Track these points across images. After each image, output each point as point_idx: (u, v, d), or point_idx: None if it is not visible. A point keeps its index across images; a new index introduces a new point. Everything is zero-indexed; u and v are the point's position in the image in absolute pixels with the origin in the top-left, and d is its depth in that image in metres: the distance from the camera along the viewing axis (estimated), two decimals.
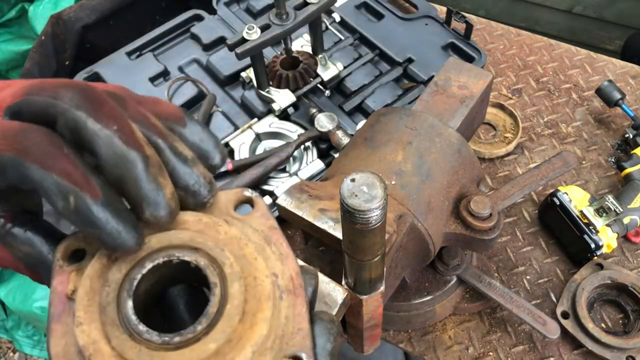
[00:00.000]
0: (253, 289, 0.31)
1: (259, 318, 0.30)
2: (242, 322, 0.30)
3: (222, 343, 0.29)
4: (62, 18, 1.19)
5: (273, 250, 0.33)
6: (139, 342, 0.30)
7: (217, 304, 0.30)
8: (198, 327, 0.30)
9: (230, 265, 0.32)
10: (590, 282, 0.89)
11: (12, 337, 1.66)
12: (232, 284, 0.31)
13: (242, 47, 0.90)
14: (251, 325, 0.30)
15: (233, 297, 0.31)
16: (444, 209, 0.70)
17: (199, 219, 0.33)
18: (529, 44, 1.25)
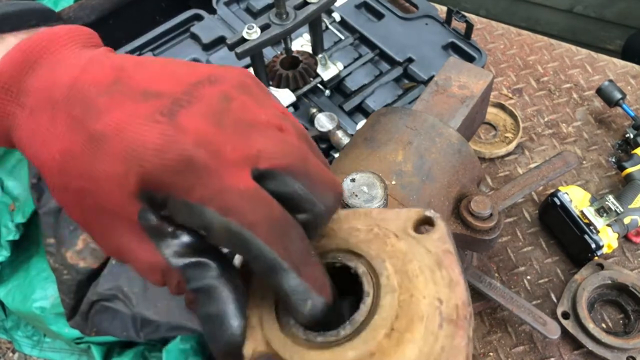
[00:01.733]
0: (407, 306, 0.30)
1: (407, 338, 0.29)
2: (388, 337, 0.29)
3: (363, 354, 0.29)
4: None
5: (443, 275, 0.31)
6: (286, 334, 0.31)
7: (365, 314, 0.30)
8: (342, 332, 0.30)
9: (387, 277, 0.31)
10: (591, 283, 0.89)
11: (11, 337, 1.66)
12: (385, 296, 0.30)
13: (242, 47, 0.90)
14: (397, 344, 0.29)
15: (382, 309, 0.30)
16: (444, 209, 0.70)
17: (370, 229, 0.34)
18: (529, 44, 1.25)
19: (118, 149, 0.31)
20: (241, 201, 0.31)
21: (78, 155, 0.32)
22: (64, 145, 0.33)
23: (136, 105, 0.32)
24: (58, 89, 0.34)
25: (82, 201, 0.33)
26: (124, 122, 0.32)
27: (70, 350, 1.56)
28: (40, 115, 0.34)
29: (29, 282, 1.43)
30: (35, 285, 1.42)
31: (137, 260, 0.33)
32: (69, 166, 0.33)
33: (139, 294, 1.03)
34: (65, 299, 1.09)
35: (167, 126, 0.32)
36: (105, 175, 0.32)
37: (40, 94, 0.34)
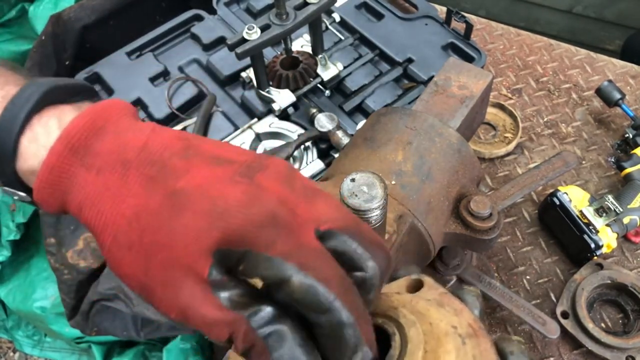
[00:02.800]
0: (430, 331, 0.33)
1: (442, 351, 0.32)
2: (425, 358, 0.32)
3: None
4: (62, 18, 1.19)
5: (447, 310, 0.35)
6: None
7: (398, 347, 0.33)
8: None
9: (404, 316, 0.35)
10: (590, 282, 0.89)
11: (12, 337, 1.66)
12: (410, 329, 0.34)
13: (242, 47, 0.90)
14: (435, 358, 0.32)
15: (411, 339, 0.33)
16: (444, 209, 0.70)
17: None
18: (528, 44, 1.25)
19: (202, 206, 0.33)
20: (316, 258, 0.33)
21: (156, 210, 0.34)
22: (139, 201, 0.34)
23: (213, 168, 0.35)
24: (129, 150, 0.35)
25: (152, 257, 0.34)
26: (205, 182, 0.34)
27: (70, 350, 1.56)
28: (109, 175, 0.35)
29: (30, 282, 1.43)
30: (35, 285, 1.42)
31: (202, 316, 0.33)
32: (143, 221, 0.34)
33: None
34: (66, 299, 1.09)
35: (248, 186, 0.34)
36: (186, 229, 0.33)
37: (109, 156, 0.35)
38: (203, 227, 0.33)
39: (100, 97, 0.42)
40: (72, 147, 0.35)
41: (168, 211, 0.34)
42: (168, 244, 0.33)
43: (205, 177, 0.34)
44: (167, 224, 0.33)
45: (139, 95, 1.06)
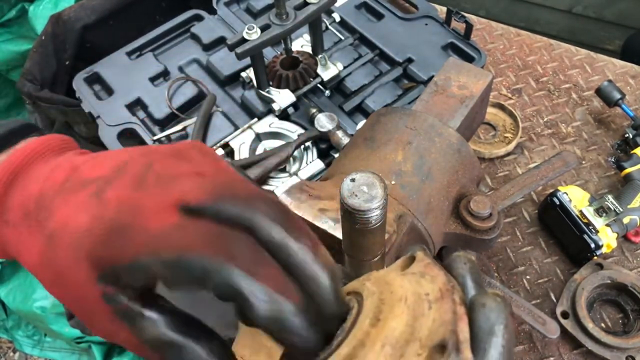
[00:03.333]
0: (388, 300, 0.32)
1: (390, 317, 0.30)
2: (374, 326, 0.31)
3: (354, 345, 0.30)
4: (62, 18, 1.19)
5: (426, 279, 0.33)
6: None
7: (352, 320, 0.32)
8: (334, 341, 0.31)
9: (367, 289, 0.34)
10: (590, 282, 0.89)
11: (12, 337, 1.66)
12: (366, 300, 0.33)
13: (242, 47, 0.90)
14: (383, 326, 0.30)
15: (365, 308, 0.32)
16: (443, 209, 0.70)
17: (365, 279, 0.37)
18: (528, 44, 1.25)
19: (65, 242, 0.35)
20: (168, 237, 0.32)
21: (46, 257, 0.36)
22: (38, 249, 0.37)
23: (76, 195, 0.36)
24: (30, 201, 0.38)
25: (64, 295, 0.36)
26: (67, 216, 0.36)
27: (70, 350, 1.56)
28: (19, 228, 0.38)
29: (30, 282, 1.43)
30: (35, 285, 1.42)
31: (122, 341, 0.35)
32: (44, 269, 0.37)
33: None
34: None
35: (95, 207, 0.35)
36: (65, 267, 0.35)
37: (17, 210, 0.39)
38: (73, 262, 0.34)
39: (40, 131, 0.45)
40: None
41: (51, 253, 0.36)
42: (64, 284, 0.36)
43: (67, 210, 0.36)
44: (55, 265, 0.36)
45: (139, 95, 1.06)
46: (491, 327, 0.29)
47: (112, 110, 1.04)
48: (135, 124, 1.02)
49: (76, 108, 1.09)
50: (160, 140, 1.01)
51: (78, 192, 0.36)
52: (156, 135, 1.01)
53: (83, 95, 1.07)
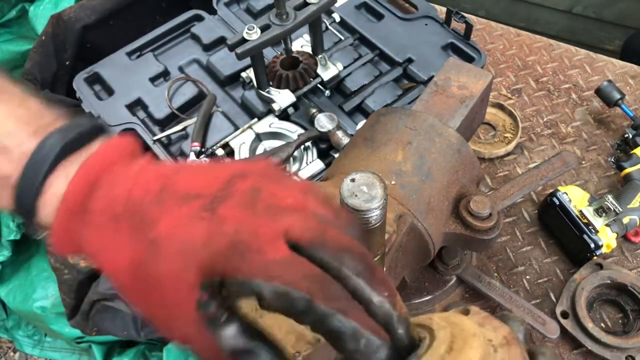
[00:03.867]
0: (459, 334, 0.34)
1: (466, 347, 0.33)
2: (449, 353, 0.33)
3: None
4: (62, 18, 1.19)
5: (487, 328, 0.36)
6: None
7: (426, 346, 0.34)
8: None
9: (436, 323, 0.36)
10: (590, 282, 0.89)
11: (12, 337, 1.66)
12: (439, 332, 0.35)
13: (242, 47, 0.90)
14: (459, 354, 0.33)
15: (439, 337, 0.35)
16: (443, 209, 0.70)
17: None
18: (528, 44, 1.25)
19: (174, 249, 0.37)
20: (281, 267, 0.36)
21: (143, 260, 0.38)
22: (130, 254, 0.39)
23: (181, 208, 0.39)
24: (117, 204, 0.40)
25: (150, 298, 0.39)
26: (173, 226, 0.38)
27: (71, 350, 1.56)
28: (105, 231, 0.40)
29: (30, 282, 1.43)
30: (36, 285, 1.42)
31: (197, 347, 0.38)
32: (137, 271, 0.39)
33: None
34: (66, 299, 1.09)
35: (209, 221, 0.38)
36: (168, 272, 0.37)
37: (102, 213, 0.41)
38: (180, 268, 0.37)
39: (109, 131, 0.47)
40: (71, 211, 0.41)
41: (151, 259, 0.38)
42: (159, 288, 0.38)
43: (173, 221, 0.39)
44: (154, 270, 0.38)
45: (139, 95, 1.06)
46: None
47: (113, 110, 1.04)
48: (135, 124, 1.02)
49: (76, 108, 1.10)
50: (161, 140, 1.02)
51: (182, 205, 0.39)
52: (156, 135, 1.02)
53: (83, 95, 1.07)
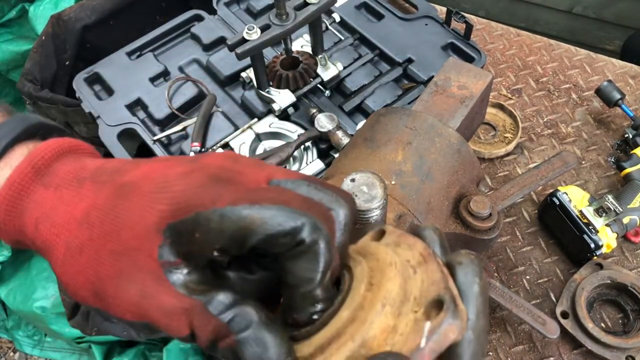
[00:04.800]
0: (377, 267, 0.34)
1: (384, 280, 0.32)
2: (369, 290, 0.32)
3: (354, 308, 0.32)
4: (62, 18, 1.19)
5: (403, 247, 0.35)
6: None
7: (346, 287, 0.34)
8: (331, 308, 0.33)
9: (353, 260, 0.35)
10: (590, 282, 0.89)
11: (12, 337, 1.66)
12: (356, 267, 0.34)
13: (242, 48, 0.90)
14: (378, 289, 0.32)
15: (356, 275, 0.34)
16: (443, 209, 0.70)
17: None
18: (528, 44, 1.25)
19: (145, 188, 0.34)
20: (268, 191, 0.33)
21: (102, 204, 0.34)
22: (87, 203, 0.35)
23: (162, 161, 0.37)
24: (86, 170, 0.37)
25: (101, 251, 0.34)
26: (151, 170, 0.35)
27: (71, 350, 1.56)
28: (65, 190, 0.36)
29: (30, 282, 1.43)
30: (36, 285, 1.42)
31: (158, 306, 0.32)
32: (92, 218, 0.34)
33: None
34: (66, 299, 1.09)
35: (191, 164, 0.35)
36: (130, 212, 0.33)
37: (67, 175, 0.37)
38: (146, 204, 0.33)
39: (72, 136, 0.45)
40: (34, 166, 0.37)
41: (114, 201, 0.34)
42: (115, 231, 0.33)
43: (152, 168, 0.36)
44: (112, 212, 0.34)
45: (139, 95, 1.06)
46: (471, 281, 0.33)
47: (112, 110, 1.04)
48: (135, 124, 1.02)
49: (76, 108, 1.10)
50: (161, 140, 1.01)
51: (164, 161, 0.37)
52: (156, 136, 1.02)
53: (83, 95, 1.07)
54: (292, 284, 0.33)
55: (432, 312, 0.30)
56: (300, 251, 0.33)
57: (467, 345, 0.31)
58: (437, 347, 0.30)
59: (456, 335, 0.30)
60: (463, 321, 0.30)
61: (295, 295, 0.34)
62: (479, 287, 0.33)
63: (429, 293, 0.31)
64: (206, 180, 0.33)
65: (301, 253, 0.33)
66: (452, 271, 0.33)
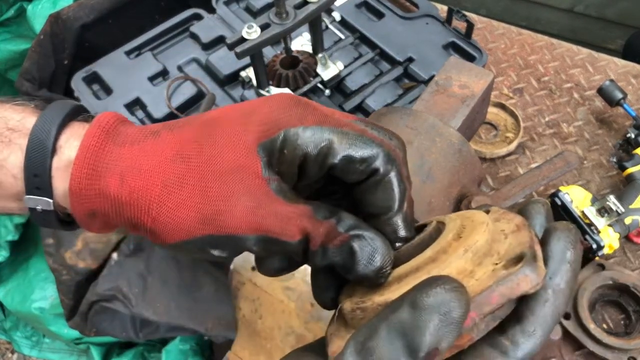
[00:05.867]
0: (469, 224, 0.35)
1: (473, 233, 0.34)
2: (456, 240, 0.34)
3: (437, 251, 0.34)
4: (60, 17, 1.18)
5: (502, 222, 0.36)
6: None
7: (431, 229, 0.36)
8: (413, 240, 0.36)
9: (449, 217, 0.37)
10: (592, 283, 0.88)
11: (10, 338, 1.65)
12: (449, 224, 0.36)
13: (242, 47, 0.90)
14: (465, 239, 0.34)
15: (448, 227, 0.36)
16: (444, 209, 0.69)
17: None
18: (530, 43, 1.25)
19: (232, 116, 0.37)
20: (350, 118, 0.37)
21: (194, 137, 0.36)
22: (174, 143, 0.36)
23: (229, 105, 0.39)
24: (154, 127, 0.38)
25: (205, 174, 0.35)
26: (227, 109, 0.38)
27: (69, 351, 1.55)
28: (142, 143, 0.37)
29: (28, 283, 1.42)
30: (34, 286, 1.41)
31: (275, 213, 0.34)
32: (185, 151, 0.36)
33: (138, 294, 1.02)
34: (65, 300, 1.08)
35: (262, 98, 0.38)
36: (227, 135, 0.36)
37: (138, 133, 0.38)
38: (238, 129, 0.36)
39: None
40: (104, 129, 0.37)
41: (205, 132, 0.36)
42: (216, 155, 0.35)
43: (225, 108, 0.39)
44: (208, 140, 0.36)
45: (137, 94, 1.06)
46: (563, 247, 0.33)
47: (111, 109, 1.02)
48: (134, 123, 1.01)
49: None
50: None
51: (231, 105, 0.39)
52: None
53: (81, 94, 1.06)
54: (373, 212, 0.36)
55: (510, 265, 0.31)
56: (376, 181, 0.36)
57: (543, 303, 0.32)
58: (507, 292, 0.30)
59: (529, 287, 0.30)
60: (539, 277, 0.30)
61: (377, 224, 0.36)
62: (571, 254, 0.33)
63: (513, 251, 0.32)
64: (287, 104, 0.36)
65: (376, 183, 0.36)
66: (548, 236, 0.34)
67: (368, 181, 0.36)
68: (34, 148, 0.37)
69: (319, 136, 0.35)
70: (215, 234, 0.35)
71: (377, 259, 0.34)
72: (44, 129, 0.37)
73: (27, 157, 0.37)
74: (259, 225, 0.34)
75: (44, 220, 0.39)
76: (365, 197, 0.36)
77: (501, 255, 0.32)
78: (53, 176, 0.37)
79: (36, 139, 0.37)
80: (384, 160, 0.35)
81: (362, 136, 0.35)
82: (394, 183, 0.36)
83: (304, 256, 0.36)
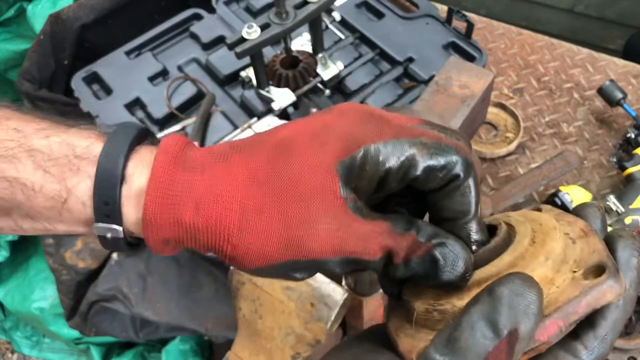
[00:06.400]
0: (539, 229, 0.36)
1: (548, 239, 0.34)
2: (532, 245, 0.34)
3: (516, 257, 0.34)
4: (60, 17, 1.18)
5: (562, 223, 0.37)
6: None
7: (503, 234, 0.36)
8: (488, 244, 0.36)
9: (514, 219, 0.38)
10: None
11: (10, 338, 1.65)
12: (519, 227, 0.36)
13: (242, 47, 0.90)
14: (542, 245, 0.34)
15: (520, 231, 0.36)
16: None
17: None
18: (530, 43, 1.25)
19: (306, 136, 0.36)
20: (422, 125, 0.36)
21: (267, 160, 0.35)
22: (248, 167, 0.36)
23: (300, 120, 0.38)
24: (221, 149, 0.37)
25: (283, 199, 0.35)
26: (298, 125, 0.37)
27: (69, 351, 1.55)
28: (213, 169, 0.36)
29: (28, 283, 1.42)
30: (34, 286, 1.41)
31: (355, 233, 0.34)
32: (261, 175, 0.35)
33: (138, 294, 1.02)
34: (65, 300, 1.08)
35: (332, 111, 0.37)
36: (303, 157, 0.35)
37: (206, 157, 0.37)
38: (316, 148, 0.35)
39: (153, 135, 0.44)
40: (172, 156, 0.37)
41: (279, 155, 0.35)
42: (294, 178, 0.35)
43: (296, 123, 0.37)
44: (284, 163, 0.35)
45: (137, 94, 1.06)
46: (630, 254, 0.34)
47: (111, 109, 1.04)
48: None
49: (74, 108, 1.09)
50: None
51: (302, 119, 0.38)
52: (156, 135, 1.01)
53: (81, 94, 1.06)
54: (450, 217, 0.36)
55: (591, 275, 0.32)
56: (455, 186, 0.35)
57: (614, 309, 0.33)
58: (593, 302, 0.31)
59: (613, 298, 0.31)
60: (622, 288, 0.32)
61: (453, 228, 0.36)
62: (637, 261, 0.34)
63: (589, 259, 0.33)
64: (363, 118, 0.36)
65: (455, 188, 0.35)
66: (613, 243, 0.35)
67: (447, 187, 0.36)
68: (102, 177, 0.37)
69: (399, 150, 0.34)
70: (298, 259, 0.35)
71: (460, 265, 0.34)
72: (111, 157, 0.37)
73: (96, 186, 0.37)
74: (341, 248, 0.34)
75: (112, 246, 0.39)
76: (442, 202, 0.36)
77: (577, 262, 0.33)
78: (123, 204, 0.37)
79: (104, 168, 0.37)
80: (463, 165, 0.35)
81: (440, 144, 0.35)
82: (472, 187, 0.36)
83: (384, 270, 0.36)
